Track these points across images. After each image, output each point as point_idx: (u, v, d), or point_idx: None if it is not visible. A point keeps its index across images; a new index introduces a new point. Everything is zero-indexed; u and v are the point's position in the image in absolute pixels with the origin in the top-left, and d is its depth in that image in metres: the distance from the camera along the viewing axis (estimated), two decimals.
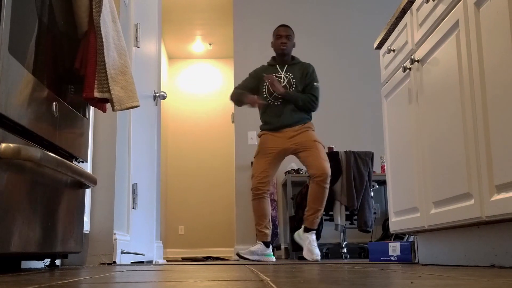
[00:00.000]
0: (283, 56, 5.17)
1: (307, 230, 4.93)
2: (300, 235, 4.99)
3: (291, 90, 5.02)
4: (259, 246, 4.95)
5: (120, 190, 3.86)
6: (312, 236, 4.91)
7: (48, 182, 2.38)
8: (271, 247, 5.06)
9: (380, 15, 7.90)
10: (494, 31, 2.17)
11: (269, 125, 5.05)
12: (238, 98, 5.19)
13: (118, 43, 2.90)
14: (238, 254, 4.92)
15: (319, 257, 4.79)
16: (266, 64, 5.29)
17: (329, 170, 4.88)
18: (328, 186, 4.88)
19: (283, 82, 5.05)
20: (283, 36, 5.14)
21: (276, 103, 5.03)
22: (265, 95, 5.06)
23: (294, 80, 5.05)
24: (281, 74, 5.09)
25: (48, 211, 2.37)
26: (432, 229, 2.90)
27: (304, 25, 7.95)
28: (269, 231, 5.00)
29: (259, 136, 5.16)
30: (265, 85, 5.06)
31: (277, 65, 5.17)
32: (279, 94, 4.95)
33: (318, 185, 4.85)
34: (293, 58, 5.24)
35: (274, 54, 5.28)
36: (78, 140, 2.80)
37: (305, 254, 4.86)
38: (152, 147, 5.24)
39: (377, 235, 6.70)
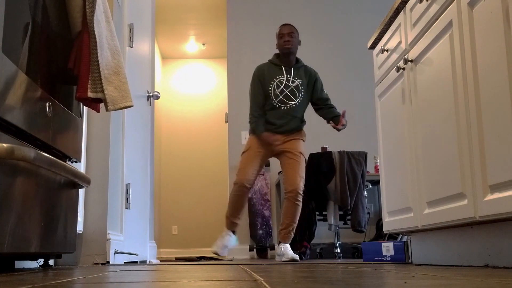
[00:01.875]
0: (288, 55, 5.01)
1: (279, 243, 4.92)
2: (277, 254, 4.95)
3: (299, 96, 4.96)
4: (229, 238, 4.98)
5: (113, 190, 3.85)
6: (285, 244, 4.87)
7: (42, 182, 2.37)
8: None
9: (374, 15, 7.91)
10: (488, 31, 2.18)
11: (268, 126, 4.98)
12: (256, 127, 4.98)
13: (112, 43, 2.90)
14: (216, 253, 4.91)
15: (296, 256, 4.70)
16: (268, 61, 5.11)
17: (301, 188, 4.82)
18: (299, 203, 4.82)
19: (291, 86, 4.97)
20: (285, 35, 5.01)
21: (283, 108, 4.95)
22: (271, 97, 4.95)
23: (302, 87, 4.95)
24: (289, 78, 4.98)
25: (42, 211, 2.37)
26: (426, 229, 2.90)
27: (297, 25, 7.94)
28: (239, 223, 5.05)
29: (250, 133, 5.06)
30: (271, 87, 4.95)
31: (283, 66, 5.02)
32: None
33: (289, 201, 4.82)
34: (297, 60, 5.12)
35: (271, 55, 5.17)
36: (72, 140, 2.80)
37: (283, 258, 4.78)
38: (145, 147, 5.23)
39: (371, 235, 6.70)
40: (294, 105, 4.95)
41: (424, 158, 2.85)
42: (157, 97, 5.50)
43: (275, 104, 4.94)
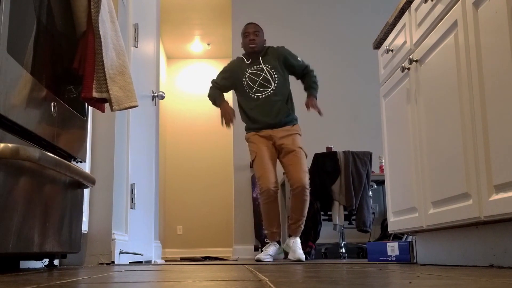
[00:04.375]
0: (254, 53, 5.08)
1: (290, 236, 4.92)
2: (287, 244, 4.94)
3: (274, 81, 4.97)
4: (274, 248, 4.91)
5: (118, 190, 3.85)
6: (296, 239, 4.88)
7: (47, 182, 2.38)
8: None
9: (379, 15, 7.89)
10: (493, 31, 2.17)
11: (258, 124, 4.97)
12: (214, 100, 5.24)
13: (117, 43, 2.90)
14: (258, 260, 4.77)
15: (302, 257, 4.73)
16: (241, 56, 5.20)
17: (306, 182, 4.82)
18: (307, 197, 4.84)
19: (262, 74, 4.97)
20: (250, 33, 5.06)
21: (260, 97, 4.95)
22: (247, 90, 4.99)
23: (273, 70, 4.98)
24: (258, 67, 5.00)
25: (47, 211, 2.37)
26: (431, 229, 2.90)
27: (302, 25, 7.95)
28: (279, 230, 4.98)
29: (248, 138, 5.07)
30: (245, 79, 5.00)
31: (250, 59, 5.08)
32: (317, 107, 4.91)
33: (296, 197, 4.84)
34: (262, 48, 5.14)
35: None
36: (77, 140, 2.80)
37: (289, 255, 4.81)
38: (150, 147, 5.24)
39: (376, 235, 6.69)
40: (271, 91, 4.98)
41: (429, 158, 2.84)
42: (162, 97, 5.50)
43: (253, 96, 5.01)
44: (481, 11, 2.28)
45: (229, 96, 5.71)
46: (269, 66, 5.00)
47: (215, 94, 5.21)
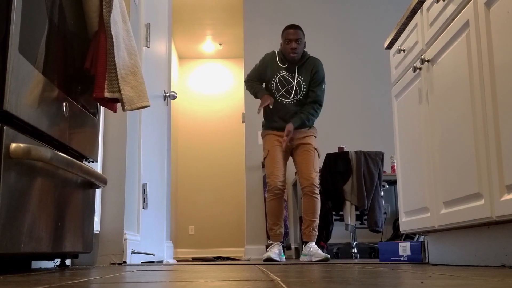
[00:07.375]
0: (292, 60, 4.96)
1: (305, 243, 4.89)
2: (303, 254, 4.92)
3: (301, 92, 4.92)
4: (279, 247, 4.89)
5: (130, 190, 3.86)
6: (313, 243, 4.85)
7: (58, 182, 2.39)
8: None
9: (391, 15, 7.88)
10: (505, 31, 2.16)
11: (276, 123, 4.93)
12: (255, 92, 5.05)
13: (128, 43, 2.91)
14: (269, 259, 4.72)
15: (327, 256, 4.71)
16: (277, 53, 5.06)
17: (316, 181, 4.82)
18: (318, 196, 4.82)
19: (293, 83, 4.93)
20: (293, 41, 4.89)
21: (283, 102, 4.94)
22: (273, 90, 4.93)
23: (304, 83, 4.92)
24: (291, 75, 4.94)
25: (58, 211, 2.38)
26: (443, 229, 2.89)
27: (314, 25, 7.94)
28: (283, 231, 4.98)
29: (263, 136, 5.07)
30: (274, 80, 4.95)
31: (287, 63, 4.97)
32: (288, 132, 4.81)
33: (307, 196, 4.82)
34: (302, 55, 5.02)
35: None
36: (89, 140, 2.81)
37: (313, 259, 4.77)
38: (162, 147, 5.24)
39: (387, 235, 6.68)
40: (295, 101, 4.95)
41: (440, 158, 2.83)
42: (174, 97, 5.51)
43: (277, 98, 4.97)
44: (493, 11, 2.27)
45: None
46: (301, 78, 4.94)
47: (254, 86, 5.09)
